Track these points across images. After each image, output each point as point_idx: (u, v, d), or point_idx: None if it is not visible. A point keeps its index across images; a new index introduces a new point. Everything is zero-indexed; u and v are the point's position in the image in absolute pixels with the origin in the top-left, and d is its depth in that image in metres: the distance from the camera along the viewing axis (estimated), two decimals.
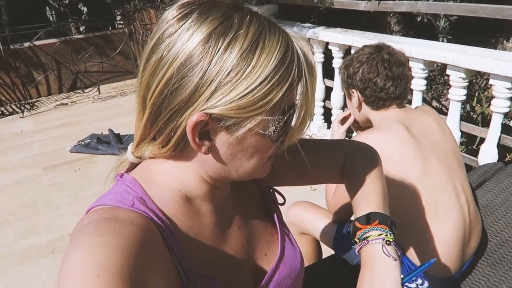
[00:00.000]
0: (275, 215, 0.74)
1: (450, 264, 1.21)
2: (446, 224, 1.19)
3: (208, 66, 0.48)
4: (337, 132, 1.46)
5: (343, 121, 1.47)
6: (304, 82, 0.52)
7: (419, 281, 1.22)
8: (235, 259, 0.64)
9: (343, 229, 1.42)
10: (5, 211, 2.68)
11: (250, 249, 0.68)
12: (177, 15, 0.51)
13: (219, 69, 0.48)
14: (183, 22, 0.50)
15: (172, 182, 0.58)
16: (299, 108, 0.54)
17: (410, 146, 1.19)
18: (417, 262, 1.21)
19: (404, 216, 1.22)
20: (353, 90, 1.32)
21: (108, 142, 3.45)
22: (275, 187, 0.79)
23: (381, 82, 1.26)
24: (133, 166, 0.63)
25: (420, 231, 1.21)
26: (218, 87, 0.48)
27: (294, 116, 0.55)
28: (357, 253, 0.69)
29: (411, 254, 1.22)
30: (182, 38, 0.49)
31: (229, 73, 0.48)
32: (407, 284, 1.22)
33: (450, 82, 2.22)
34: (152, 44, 0.52)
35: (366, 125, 1.42)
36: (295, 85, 0.52)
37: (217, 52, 0.48)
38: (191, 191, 0.59)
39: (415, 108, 1.39)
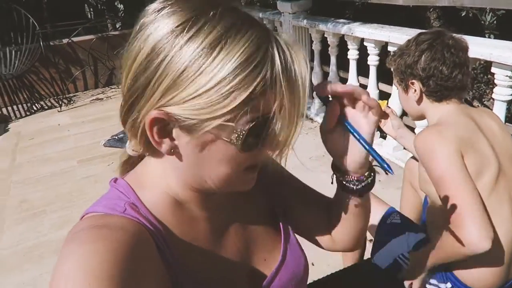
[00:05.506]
0: (281, 220, 0.73)
1: (491, 278, 1.12)
2: (495, 236, 1.10)
3: (165, 61, 0.46)
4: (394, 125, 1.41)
5: (386, 116, 1.41)
6: (279, 90, 0.47)
7: (449, 284, 1.16)
8: (230, 265, 0.64)
9: (387, 220, 1.39)
10: (42, 202, 2.78)
11: (248, 254, 0.67)
12: (154, 8, 0.50)
13: (175, 64, 0.46)
14: (154, 16, 0.49)
15: (161, 185, 0.57)
16: (278, 118, 0.48)
17: (479, 140, 1.10)
18: (462, 277, 1.14)
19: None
20: (413, 81, 1.20)
21: None
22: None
23: (447, 69, 1.15)
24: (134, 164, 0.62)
25: None
26: (172, 84, 0.46)
27: (273, 124, 0.48)
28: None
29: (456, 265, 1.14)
30: (148, 32, 0.48)
31: (184, 69, 0.46)
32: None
33: (495, 81, 2.09)
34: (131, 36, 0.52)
35: (418, 120, 1.34)
36: (263, 92, 0.46)
37: (174, 47, 0.46)
38: (179, 196, 0.58)
39: (476, 108, 1.30)
